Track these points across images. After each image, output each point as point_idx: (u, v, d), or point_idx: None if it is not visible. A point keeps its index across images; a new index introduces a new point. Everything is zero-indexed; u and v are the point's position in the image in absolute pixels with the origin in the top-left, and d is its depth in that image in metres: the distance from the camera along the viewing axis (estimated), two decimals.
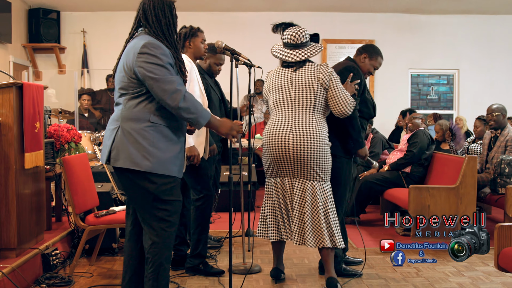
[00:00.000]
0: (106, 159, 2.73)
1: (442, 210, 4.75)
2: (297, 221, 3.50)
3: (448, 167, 5.24)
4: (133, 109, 2.67)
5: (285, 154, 3.45)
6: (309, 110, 3.47)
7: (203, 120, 2.71)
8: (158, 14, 2.71)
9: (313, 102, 3.47)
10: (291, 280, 3.83)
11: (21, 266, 3.47)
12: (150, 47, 2.61)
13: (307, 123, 3.44)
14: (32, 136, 3.68)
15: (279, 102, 3.56)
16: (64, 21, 9.15)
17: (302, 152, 3.40)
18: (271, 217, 3.66)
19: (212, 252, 4.45)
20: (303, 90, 3.49)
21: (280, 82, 3.57)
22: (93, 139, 6.63)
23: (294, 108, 3.50)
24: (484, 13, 9.44)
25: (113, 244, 4.39)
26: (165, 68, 2.60)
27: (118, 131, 2.68)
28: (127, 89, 2.70)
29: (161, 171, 2.66)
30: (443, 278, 3.92)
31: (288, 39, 3.62)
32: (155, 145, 2.64)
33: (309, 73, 3.52)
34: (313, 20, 9.34)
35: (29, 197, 3.75)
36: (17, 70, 8.43)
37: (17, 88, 3.56)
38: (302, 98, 3.48)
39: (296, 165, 3.45)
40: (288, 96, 3.52)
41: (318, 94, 3.48)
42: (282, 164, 3.50)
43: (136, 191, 2.72)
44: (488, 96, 9.30)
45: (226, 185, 6.27)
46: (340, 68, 3.90)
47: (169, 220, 2.71)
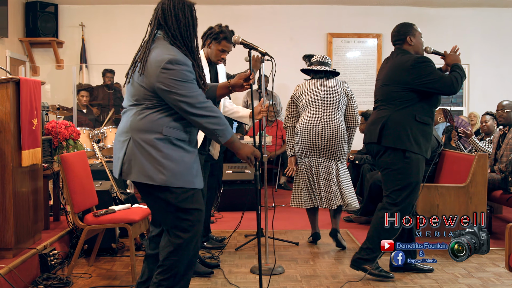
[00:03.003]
0: (119, 172, 2.73)
1: (451, 209, 4.73)
2: (324, 190, 4.60)
3: (458, 166, 5.22)
4: (145, 120, 2.65)
5: (316, 140, 4.56)
6: (334, 108, 4.58)
7: (228, 133, 2.70)
8: (178, 15, 2.67)
9: (337, 102, 4.59)
10: (296, 281, 3.82)
11: (18, 267, 3.48)
12: (175, 63, 2.57)
13: (333, 118, 4.55)
14: (30, 133, 3.69)
15: (311, 101, 4.63)
16: (62, 15, 9.15)
17: (329, 139, 4.53)
18: (305, 189, 4.66)
19: (214, 252, 4.45)
20: (331, 93, 4.61)
21: (312, 87, 4.66)
22: (92, 136, 6.64)
23: (323, 106, 4.58)
24: (495, 6, 9.39)
25: (112, 244, 4.39)
26: (191, 83, 2.61)
27: (130, 142, 2.66)
28: (142, 101, 2.67)
29: (175, 184, 2.64)
30: (452, 279, 3.91)
31: (318, 57, 4.76)
32: (168, 157, 2.63)
33: (336, 82, 4.67)
34: (319, 13, 9.33)
35: (26, 196, 3.76)
36: (14, 65, 8.44)
37: (14, 84, 3.56)
38: (329, 98, 4.59)
39: (324, 149, 4.57)
40: (319, 97, 4.61)
41: (341, 97, 4.62)
42: (312, 148, 4.59)
43: (157, 202, 2.73)
44: (499, 92, 9.27)
45: (229, 183, 6.29)
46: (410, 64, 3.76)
47: (190, 230, 2.70)
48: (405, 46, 3.93)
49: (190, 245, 2.70)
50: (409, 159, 3.71)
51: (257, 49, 3.54)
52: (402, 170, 3.72)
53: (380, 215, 3.76)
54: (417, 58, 3.79)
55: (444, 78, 3.71)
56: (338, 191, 4.58)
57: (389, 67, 3.90)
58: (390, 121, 3.75)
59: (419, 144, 3.73)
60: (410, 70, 3.73)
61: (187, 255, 2.70)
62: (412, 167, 3.72)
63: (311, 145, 4.56)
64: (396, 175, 3.74)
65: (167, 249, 2.71)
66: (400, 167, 3.72)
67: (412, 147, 3.71)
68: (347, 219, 5.81)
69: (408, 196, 3.76)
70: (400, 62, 3.82)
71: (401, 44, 3.95)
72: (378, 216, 3.80)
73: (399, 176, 3.73)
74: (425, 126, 3.77)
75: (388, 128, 3.74)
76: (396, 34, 3.98)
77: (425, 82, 3.70)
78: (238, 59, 5.31)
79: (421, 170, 3.78)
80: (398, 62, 3.85)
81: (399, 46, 3.95)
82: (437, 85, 3.69)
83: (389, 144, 3.73)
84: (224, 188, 6.15)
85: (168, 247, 2.71)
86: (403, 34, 3.95)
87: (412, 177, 3.73)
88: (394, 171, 3.75)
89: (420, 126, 3.74)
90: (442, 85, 3.69)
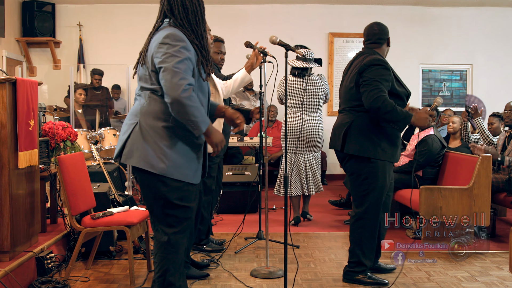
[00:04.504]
0: (117, 154, 2.72)
1: (455, 211, 4.73)
2: (305, 179, 5.69)
3: (461, 167, 5.22)
4: (155, 105, 2.65)
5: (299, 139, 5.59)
6: (315, 110, 5.56)
7: (203, 125, 2.63)
8: (184, 3, 2.69)
9: (317, 106, 5.60)
10: (297, 284, 3.83)
11: (15, 270, 3.48)
12: (172, 38, 2.58)
13: (313, 119, 5.54)
14: (26, 134, 3.69)
15: (295, 104, 5.61)
16: (60, 14, 9.17)
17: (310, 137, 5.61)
18: (291, 179, 5.58)
19: (214, 255, 4.45)
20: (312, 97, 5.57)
21: (294, 89, 5.54)
22: (89, 138, 6.64)
23: (305, 110, 5.52)
24: (499, 5, 9.40)
25: (110, 247, 4.40)
26: (181, 62, 2.55)
27: (136, 127, 2.67)
28: (146, 81, 2.67)
29: (174, 175, 2.65)
30: (456, 283, 3.91)
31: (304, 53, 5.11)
32: (173, 147, 2.63)
33: (317, 83, 5.57)
34: (320, 13, 9.34)
35: (23, 198, 3.76)
36: (11, 65, 8.45)
37: (10, 84, 3.57)
38: (310, 103, 5.60)
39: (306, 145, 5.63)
40: (301, 101, 5.60)
41: (321, 99, 5.59)
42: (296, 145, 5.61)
43: (149, 191, 2.73)
44: (503, 93, 9.28)
45: (229, 185, 6.29)
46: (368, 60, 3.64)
47: (176, 226, 2.71)
48: (378, 49, 3.77)
49: (176, 241, 2.72)
50: (374, 164, 3.66)
51: (295, 50, 3.58)
52: (367, 175, 3.68)
53: (353, 226, 3.80)
54: (376, 59, 3.62)
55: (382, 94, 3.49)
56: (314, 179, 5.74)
57: (353, 68, 3.77)
58: (353, 128, 3.68)
59: (384, 150, 3.65)
60: (363, 70, 3.60)
61: (174, 251, 2.72)
62: (378, 172, 3.67)
63: (295, 143, 5.60)
64: (362, 180, 3.71)
65: (155, 247, 2.76)
66: (365, 173, 3.69)
67: (377, 154, 3.64)
68: (347, 222, 5.81)
69: (376, 201, 3.72)
70: (361, 62, 3.67)
71: (376, 46, 3.78)
72: (352, 227, 3.82)
73: (365, 181, 3.70)
74: (389, 131, 3.67)
75: (351, 135, 3.68)
76: (375, 34, 3.77)
77: (363, 84, 3.56)
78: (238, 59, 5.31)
79: (387, 175, 3.73)
80: (360, 61, 3.69)
81: (373, 47, 3.78)
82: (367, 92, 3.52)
83: (353, 152, 3.67)
84: (224, 190, 6.15)
85: (156, 245, 2.75)
86: (383, 36, 3.78)
87: (379, 181, 3.69)
88: (359, 176, 3.72)
89: (383, 130, 3.66)
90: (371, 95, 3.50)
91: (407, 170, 5.55)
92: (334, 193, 7.53)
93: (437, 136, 5.55)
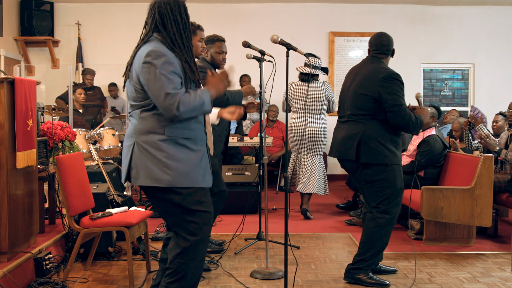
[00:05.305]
0: (125, 178, 2.75)
1: (456, 212, 4.73)
2: (306, 178, 6.05)
3: (463, 167, 5.22)
4: (147, 122, 2.68)
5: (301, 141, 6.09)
6: (317, 114, 6.05)
7: (207, 107, 2.68)
8: (176, 18, 2.70)
9: (319, 109, 6.04)
10: (297, 285, 3.83)
11: (13, 271, 3.48)
12: (154, 55, 2.58)
13: (316, 122, 6.03)
14: (24, 134, 3.69)
15: (299, 108, 6.13)
16: (58, 13, 9.18)
17: (312, 140, 6.06)
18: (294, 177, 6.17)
19: (214, 256, 4.45)
20: (315, 102, 6.00)
21: (299, 93, 6.07)
22: (88, 138, 6.64)
23: (308, 114, 6.05)
24: (502, 4, 9.41)
25: (109, 248, 4.40)
26: (165, 78, 2.57)
27: (134, 147, 2.70)
28: (135, 99, 2.71)
29: (183, 183, 2.66)
30: (457, 284, 3.91)
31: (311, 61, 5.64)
32: (172, 157, 2.64)
33: (319, 88, 6.05)
34: (321, 11, 9.34)
35: (21, 198, 3.77)
36: (9, 65, 8.46)
37: (8, 84, 3.57)
38: (313, 107, 6.03)
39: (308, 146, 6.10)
40: (305, 105, 6.06)
41: (323, 103, 6.08)
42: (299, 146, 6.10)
43: (164, 205, 2.74)
44: (505, 92, 9.29)
45: (228, 186, 6.29)
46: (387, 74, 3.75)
47: (198, 233, 2.71)
48: (384, 60, 3.91)
49: (197, 248, 2.71)
50: (391, 168, 3.77)
51: (296, 49, 3.58)
52: (387, 180, 3.78)
53: (371, 226, 3.84)
54: (394, 74, 3.75)
55: (405, 108, 3.70)
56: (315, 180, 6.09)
57: (363, 75, 3.84)
58: (366, 137, 3.75)
59: (395, 154, 3.79)
60: (382, 83, 3.70)
61: (194, 258, 2.72)
62: (396, 175, 3.79)
63: (298, 144, 6.06)
64: (382, 185, 3.79)
65: (174, 251, 2.74)
66: (384, 178, 3.77)
67: (392, 159, 3.77)
68: (349, 222, 5.82)
69: (398, 203, 3.85)
70: (375, 72, 3.78)
71: (383, 57, 3.91)
72: (368, 227, 3.86)
73: (386, 185, 3.78)
74: (394, 136, 3.80)
75: (365, 144, 3.75)
76: (384, 45, 3.91)
77: (388, 100, 3.67)
78: (238, 58, 5.32)
79: (402, 176, 3.87)
80: (373, 70, 3.80)
81: (380, 57, 3.90)
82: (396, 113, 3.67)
83: (370, 160, 3.76)
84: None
85: (175, 249, 2.73)
86: (390, 48, 3.92)
87: (398, 184, 3.81)
88: (378, 182, 3.79)
89: (391, 137, 3.78)
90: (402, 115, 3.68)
91: (408, 171, 5.55)
92: (335, 194, 7.54)
93: (439, 136, 5.55)
